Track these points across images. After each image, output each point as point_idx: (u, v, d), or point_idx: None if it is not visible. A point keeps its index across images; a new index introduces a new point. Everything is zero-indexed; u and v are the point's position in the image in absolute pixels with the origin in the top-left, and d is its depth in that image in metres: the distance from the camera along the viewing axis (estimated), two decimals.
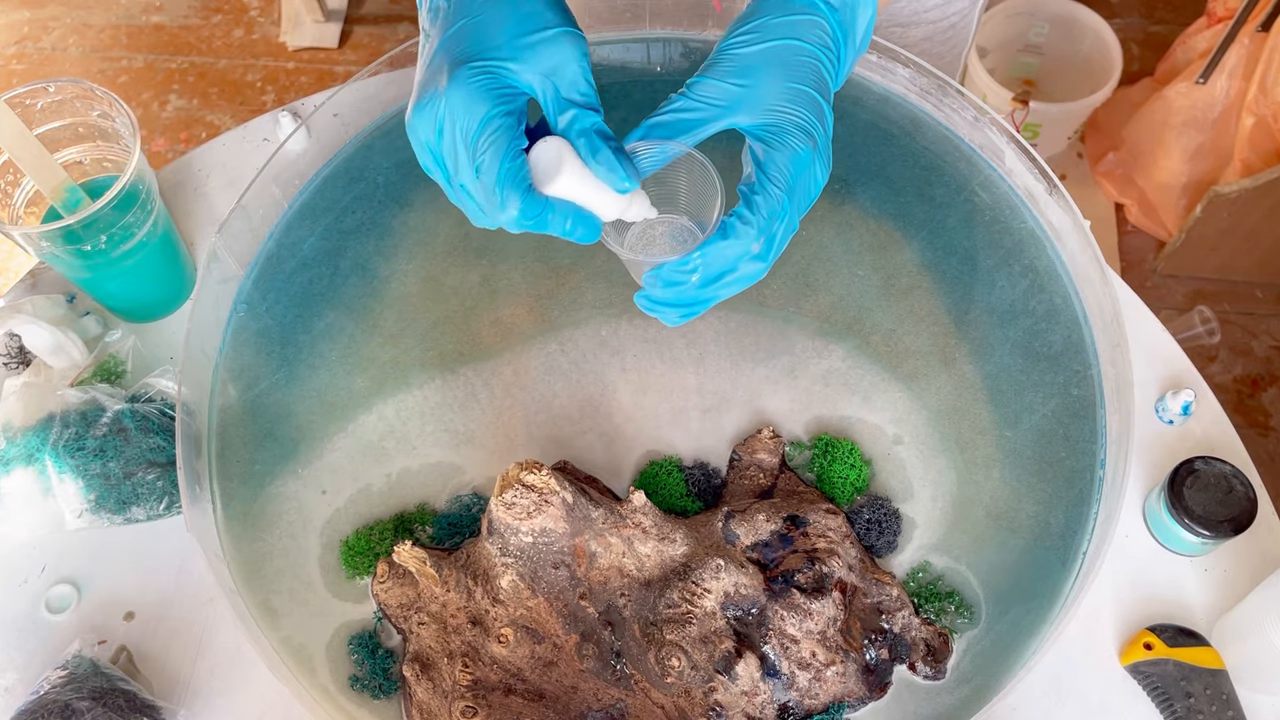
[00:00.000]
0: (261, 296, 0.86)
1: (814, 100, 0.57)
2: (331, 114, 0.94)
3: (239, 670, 0.75)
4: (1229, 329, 1.74)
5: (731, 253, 0.56)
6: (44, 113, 0.81)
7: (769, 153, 0.56)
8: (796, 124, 0.56)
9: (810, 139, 0.56)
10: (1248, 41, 1.55)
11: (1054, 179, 0.83)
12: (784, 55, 0.57)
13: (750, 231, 0.55)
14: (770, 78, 0.57)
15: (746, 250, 0.56)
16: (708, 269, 0.56)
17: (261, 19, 2.18)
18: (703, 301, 0.58)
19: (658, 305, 0.58)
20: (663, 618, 0.68)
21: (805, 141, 0.56)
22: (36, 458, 0.76)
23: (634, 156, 0.57)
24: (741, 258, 0.56)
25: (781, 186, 0.56)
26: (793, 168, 0.56)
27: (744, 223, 0.55)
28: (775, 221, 0.56)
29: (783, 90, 0.57)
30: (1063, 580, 0.74)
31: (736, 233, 0.55)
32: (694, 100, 0.57)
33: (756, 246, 0.56)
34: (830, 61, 0.58)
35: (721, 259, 0.56)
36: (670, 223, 0.61)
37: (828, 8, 0.58)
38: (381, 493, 0.79)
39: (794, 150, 0.56)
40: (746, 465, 0.78)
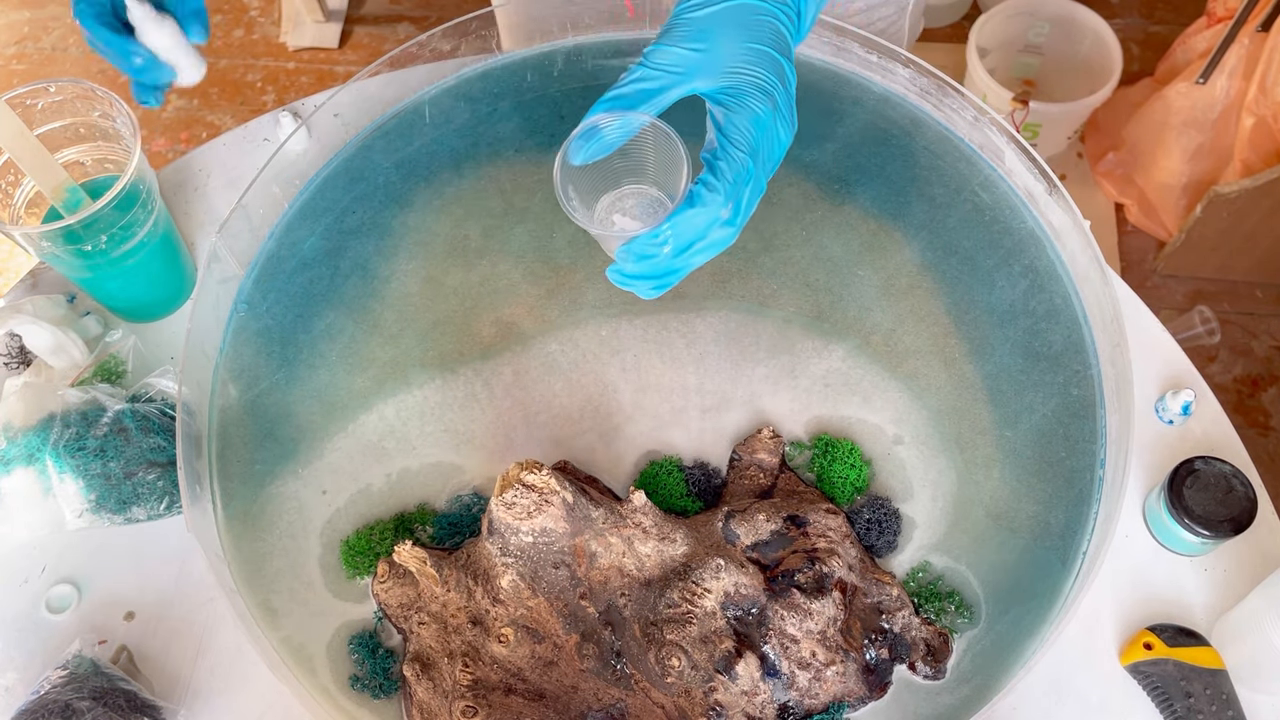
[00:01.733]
0: (262, 296, 0.86)
1: (772, 59, 0.57)
2: (332, 114, 0.94)
3: (239, 670, 0.75)
4: (1229, 329, 1.74)
5: (701, 220, 0.56)
6: (44, 113, 0.81)
7: (729, 116, 0.56)
8: (755, 84, 0.56)
9: (770, 99, 0.56)
10: (1248, 41, 1.55)
11: (1054, 179, 0.83)
12: (739, 15, 0.57)
13: (717, 198, 0.55)
14: (727, 39, 0.56)
15: (716, 216, 0.56)
16: (678, 239, 0.56)
17: (261, 19, 2.18)
18: (675, 271, 0.58)
19: (631, 279, 0.58)
20: (663, 617, 0.68)
21: (765, 102, 0.56)
22: (37, 458, 0.76)
23: (598, 130, 0.57)
24: (711, 224, 0.56)
25: (744, 149, 0.55)
26: (754, 129, 0.56)
27: (710, 190, 0.55)
28: (741, 185, 0.56)
29: (740, 51, 0.56)
30: (1063, 580, 0.74)
31: (704, 200, 0.55)
32: (652, 69, 0.57)
33: (725, 212, 0.56)
34: (789, 17, 0.58)
35: (691, 227, 0.56)
36: (639, 194, 0.62)
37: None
38: (382, 493, 0.79)
39: (754, 112, 0.56)
40: (746, 465, 0.78)
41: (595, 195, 0.62)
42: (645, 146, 0.59)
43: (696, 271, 0.85)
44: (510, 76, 0.94)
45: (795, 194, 0.88)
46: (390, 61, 0.92)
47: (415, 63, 0.93)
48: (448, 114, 0.93)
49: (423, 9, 2.18)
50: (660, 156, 0.59)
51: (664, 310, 0.85)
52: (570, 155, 0.57)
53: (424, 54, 0.93)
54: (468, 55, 0.94)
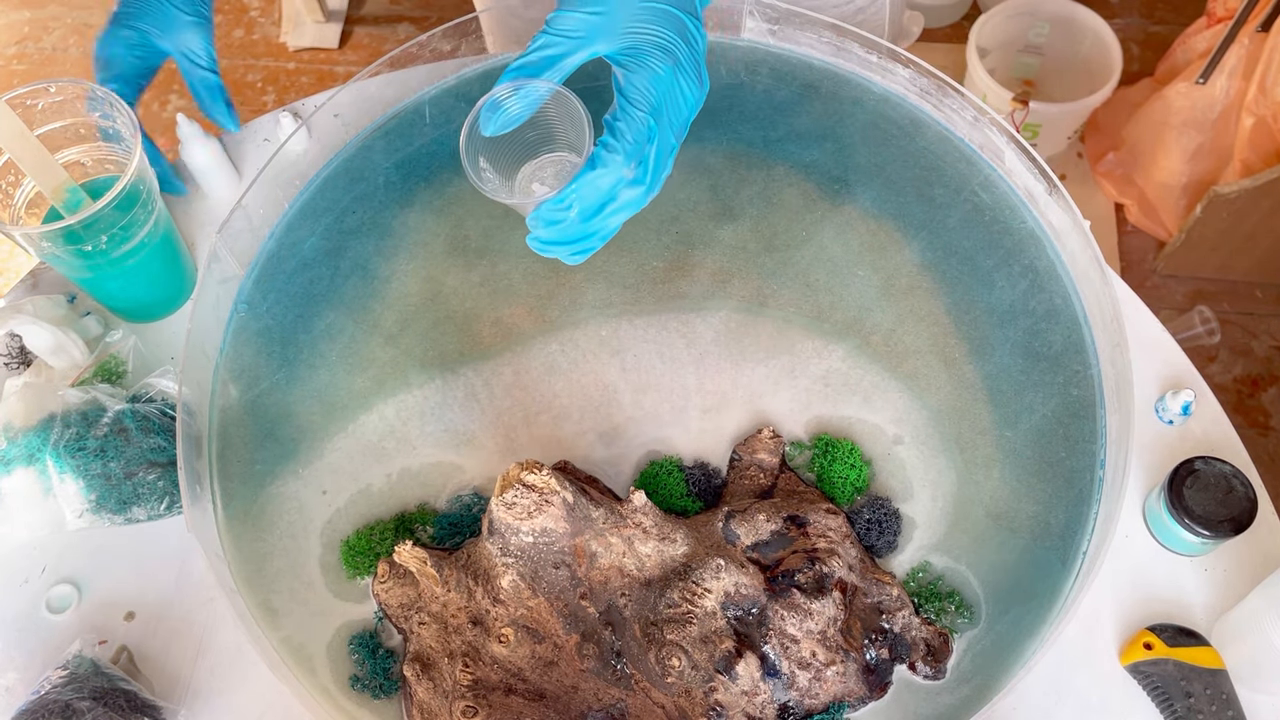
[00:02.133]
0: (262, 296, 0.86)
1: (673, 16, 0.57)
2: (332, 114, 0.94)
3: (239, 670, 0.75)
4: (1229, 329, 1.74)
5: (604, 182, 0.55)
6: (45, 113, 0.81)
7: (628, 76, 0.56)
8: (655, 43, 0.56)
9: (670, 56, 0.56)
10: (1248, 41, 1.55)
11: (1054, 179, 0.83)
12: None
13: (617, 158, 0.55)
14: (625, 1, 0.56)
15: (619, 177, 0.55)
16: (584, 201, 0.56)
17: (262, 19, 2.18)
18: (590, 235, 0.58)
19: (547, 246, 0.58)
20: (663, 618, 0.69)
21: (665, 60, 0.56)
22: (37, 458, 0.76)
23: (502, 102, 0.57)
24: (617, 185, 0.56)
25: (644, 108, 0.55)
26: (654, 88, 0.55)
27: (609, 150, 0.55)
28: (642, 144, 0.55)
29: (639, 11, 0.56)
30: (1063, 580, 0.74)
31: (604, 161, 0.55)
32: (554, 35, 0.57)
33: (629, 171, 0.55)
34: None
35: (595, 190, 0.56)
36: (558, 162, 0.62)
37: None
38: (382, 493, 0.79)
39: (653, 70, 0.55)
40: (746, 465, 0.78)
41: (515, 166, 0.62)
42: (553, 115, 0.60)
43: (697, 271, 0.86)
44: None
45: (795, 194, 0.88)
46: (390, 61, 0.92)
47: (415, 63, 0.93)
48: (448, 114, 0.93)
49: (423, 9, 2.18)
50: (566, 123, 0.59)
51: (664, 310, 0.85)
52: (481, 127, 0.58)
53: (424, 54, 0.93)
54: (468, 55, 0.94)
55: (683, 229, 0.88)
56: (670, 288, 0.85)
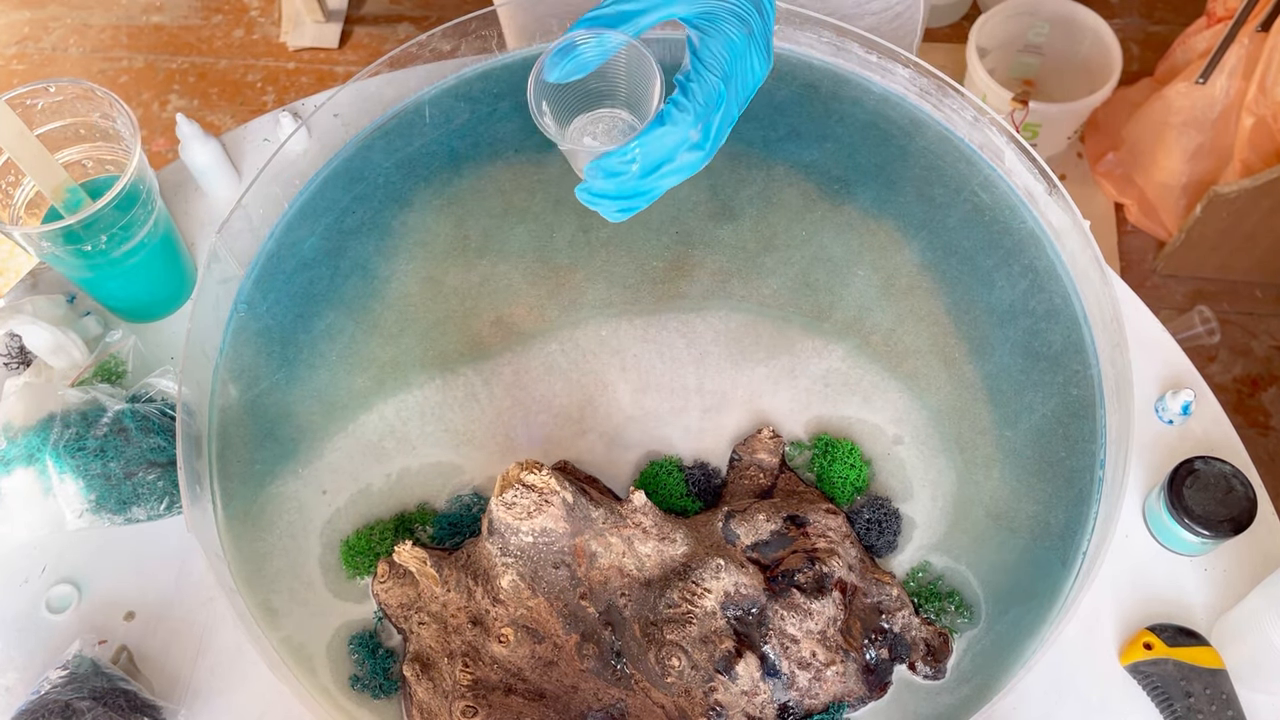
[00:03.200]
0: (262, 296, 0.86)
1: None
2: (331, 114, 0.94)
3: (239, 670, 0.75)
4: (1229, 329, 1.74)
5: (670, 140, 0.55)
6: (44, 113, 0.81)
7: (704, 40, 0.56)
8: (732, 11, 0.56)
9: (746, 25, 0.56)
10: (1247, 41, 1.55)
11: (1054, 179, 0.83)
12: None
13: (687, 118, 0.55)
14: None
15: (685, 138, 0.55)
16: (647, 157, 0.56)
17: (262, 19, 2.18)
18: (643, 193, 0.58)
19: (599, 198, 0.58)
20: (663, 617, 0.69)
21: (740, 28, 0.56)
22: (37, 458, 0.76)
23: (576, 48, 0.56)
24: (680, 145, 0.56)
25: (717, 73, 0.56)
26: (728, 54, 0.56)
27: (680, 109, 0.55)
28: (712, 108, 0.56)
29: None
30: (1063, 580, 0.74)
31: (673, 119, 0.55)
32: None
33: (695, 134, 0.55)
34: None
35: (660, 147, 0.56)
36: (613, 119, 0.62)
37: None
38: (381, 493, 0.79)
39: (729, 36, 0.56)
40: (746, 465, 0.78)
41: (570, 116, 0.62)
42: (620, 69, 0.59)
43: (697, 271, 0.86)
44: (510, 76, 0.94)
45: (795, 194, 0.88)
46: (390, 61, 0.92)
47: (415, 63, 0.93)
48: (448, 114, 0.93)
49: (423, 9, 2.18)
50: (635, 80, 0.59)
51: (664, 310, 0.85)
52: (546, 72, 0.57)
53: (424, 54, 0.93)
54: (468, 55, 0.94)
55: (683, 229, 0.88)
56: (670, 288, 0.85)
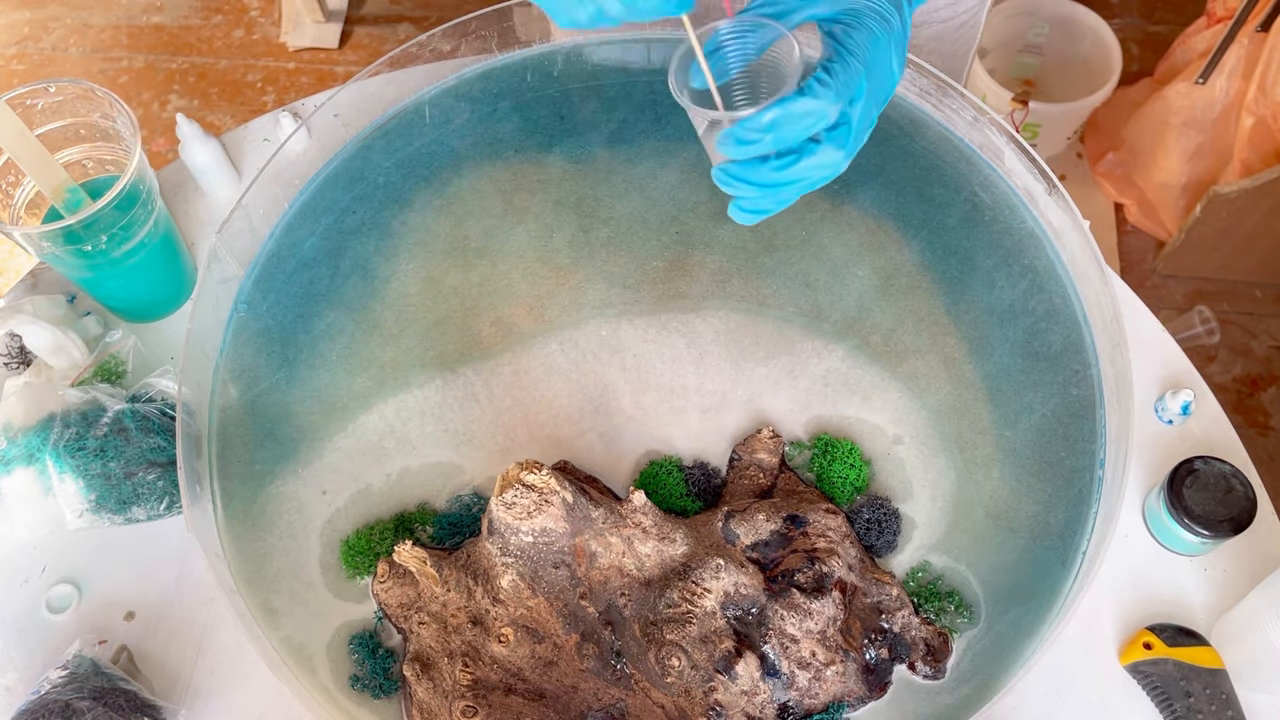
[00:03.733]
0: (262, 296, 0.86)
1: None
2: (331, 114, 0.94)
3: (239, 670, 0.75)
4: (1229, 329, 1.74)
5: (808, 113, 0.54)
6: (45, 113, 0.81)
7: (847, 30, 0.56)
8: (874, 9, 0.57)
9: (887, 25, 0.56)
10: (1247, 41, 1.55)
11: (1054, 179, 0.83)
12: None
13: (829, 93, 0.54)
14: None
15: (824, 113, 0.54)
16: (782, 128, 0.54)
17: (262, 19, 2.18)
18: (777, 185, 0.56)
19: (735, 181, 0.57)
20: (663, 617, 0.69)
21: (882, 26, 0.56)
22: (37, 458, 0.76)
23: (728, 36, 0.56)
24: (819, 122, 0.54)
25: (860, 59, 0.55)
26: (871, 46, 0.55)
27: (822, 84, 0.54)
28: (852, 95, 0.55)
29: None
30: (1062, 580, 0.74)
31: (815, 92, 0.53)
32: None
33: (834, 111, 0.54)
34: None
35: (798, 120, 0.54)
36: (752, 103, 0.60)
37: None
38: (381, 492, 0.79)
39: (871, 32, 0.56)
40: (746, 465, 0.78)
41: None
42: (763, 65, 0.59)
43: (697, 271, 0.86)
44: (510, 76, 0.94)
45: None
46: (390, 61, 0.92)
47: (415, 63, 0.93)
48: (448, 114, 0.93)
49: (423, 9, 2.18)
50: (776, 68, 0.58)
51: (664, 310, 0.85)
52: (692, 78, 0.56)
53: (424, 54, 0.93)
54: (468, 55, 0.95)
55: (683, 229, 0.88)
56: (670, 288, 0.85)
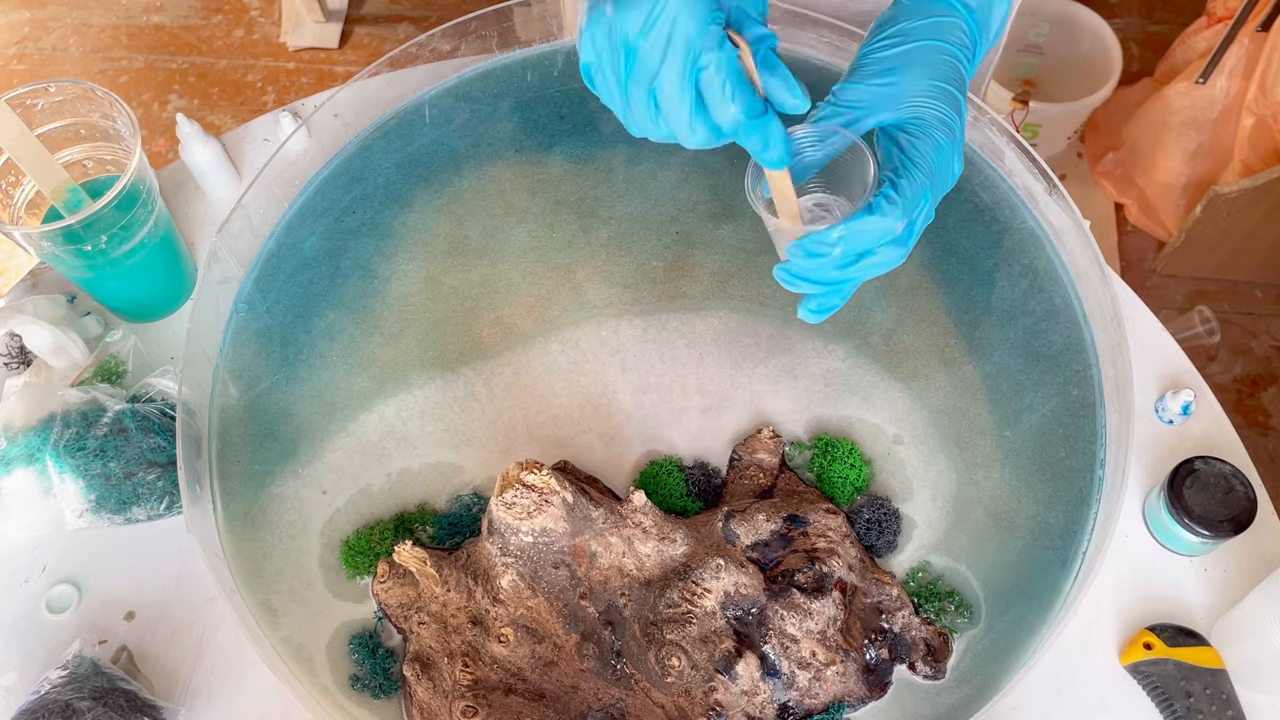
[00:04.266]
0: (262, 296, 0.86)
1: (952, 95, 0.60)
2: (332, 114, 0.94)
3: (239, 670, 0.75)
4: (1229, 329, 1.74)
5: (876, 230, 0.57)
6: (45, 113, 0.81)
7: (913, 142, 0.58)
8: (938, 117, 0.59)
9: (950, 131, 0.59)
10: (1247, 41, 1.55)
11: (1054, 179, 0.83)
12: (925, 55, 0.59)
13: (895, 210, 0.57)
14: (913, 76, 0.59)
15: (890, 229, 0.57)
16: (849, 243, 0.57)
17: (262, 19, 2.18)
18: (841, 284, 0.59)
19: (798, 280, 0.59)
20: (663, 617, 0.69)
21: (946, 134, 0.59)
22: (37, 458, 0.76)
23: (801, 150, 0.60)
24: (884, 237, 0.57)
25: (925, 172, 0.58)
26: (935, 156, 0.58)
27: (890, 202, 0.57)
28: (918, 205, 0.58)
29: (925, 87, 0.59)
30: (1063, 580, 0.74)
31: (882, 210, 0.57)
32: (841, 105, 0.60)
33: (899, 226, 0.57)
34: (966, 58, 0.61)
35: (865, 235, 0.57)
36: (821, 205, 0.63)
37: (965, 9, 0.60)
38: (381, 492, 0.79)
39: (936, 141, 0.58)
40: (746, 465, 0.78)
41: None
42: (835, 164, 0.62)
43: (697, 271, 0.86)
44: (510, 76, 0.94)
45: None
46: (390, 61, 0.92)
47: (415, 63, 0.93)
48: (448, 114, 0.93)
49: (423, 9, 2.18)
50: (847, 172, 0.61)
51: (664, 310, 0.85)
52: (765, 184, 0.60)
53: (424, 54, 0.93)
54: (468, 55, 0.94)
55: (683, 229, 0.88)
56: (670, 288, 0.85)
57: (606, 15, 0.54)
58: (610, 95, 0.56)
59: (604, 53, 0.55)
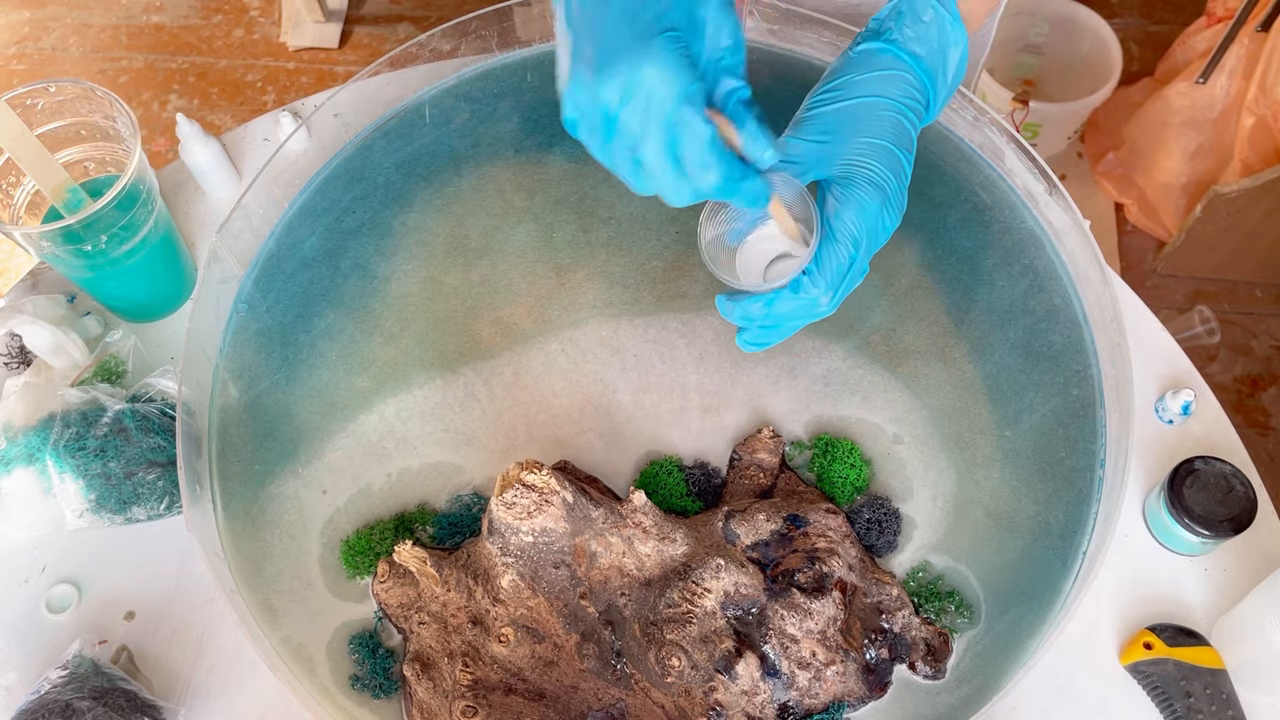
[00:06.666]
0: (262, 296, 0.86)
1: (888, 152, 0.60)
2: (331, 114, 0.94)
3: (239, 670, 0.75)
4: (1229, 329, 1.74)
5: (799, 306, 0.61)
6: (45, 113, 0.81)
7: (838, 209, 0.60)
8: (868, 177, 0.60)
9: (880, 191, 0.60)
10: (1247, 41, 1.55)
11: (1054, 179, 0.83)
12: (862, 112, 0.61)
13: (818, 290, 0.60)
14: (848, 134, 0.60)
15: (814, 304, 0.60)
16: (776, 313, 0.61)
17: (262, 19, 2.18)
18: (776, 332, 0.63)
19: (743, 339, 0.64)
20: (663, 617, 0.69)
21: (874, 195, 0.60)
22: (37, 458, 0.76)
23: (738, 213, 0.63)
24: (809, 309, 0.61)
25: (848, 243, 0.60)
26: (860, 221, 0.60)
27: (813, 282, 0.60)
28: (841, 277, 0.60)
29: (859, 145, 0.60)
30: (1063, 580, 0.74)
31: (805, 289, 0.60)
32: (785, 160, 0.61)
33: (825, 300, 0.60)
34: (914, 111, 0.62)
35: (790, 310, 0.61)
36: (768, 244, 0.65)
37: (911, 58, 0.61)
38: (382, 492, 0.79)
39: (862, 204, 0.59)
40: (746, 465, 0.78)
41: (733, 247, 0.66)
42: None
43: (697, 271, 0.86)
44: (510, 76, 0.94)
45: None
46: (390, 61, 0.92)
47: (415, 63, 0.93)
48: (448, 114, 0.93)
49: (423, 9, 2.18)
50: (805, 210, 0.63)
51: (664, 310, 0.85)
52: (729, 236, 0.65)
53: (424, 54, 0.93)
54: (468, 55, 0.94)
55: (683, 229, 0.88)
56: (670, 288, 0.85)
57: (587, 81, 0.54)
58: (596, 151, 0.57)
59: (587, 115, 0.55)
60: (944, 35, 0.62)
